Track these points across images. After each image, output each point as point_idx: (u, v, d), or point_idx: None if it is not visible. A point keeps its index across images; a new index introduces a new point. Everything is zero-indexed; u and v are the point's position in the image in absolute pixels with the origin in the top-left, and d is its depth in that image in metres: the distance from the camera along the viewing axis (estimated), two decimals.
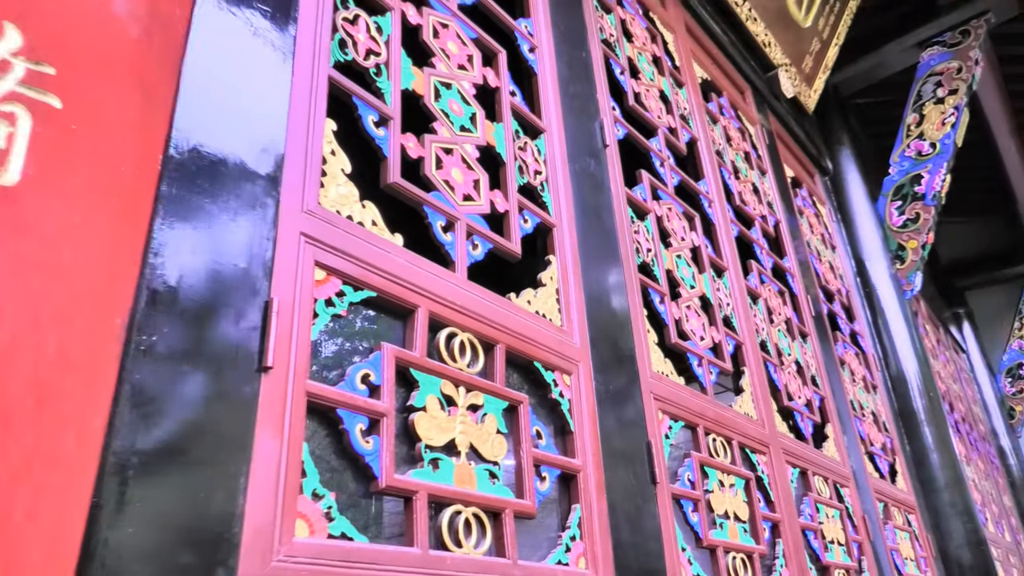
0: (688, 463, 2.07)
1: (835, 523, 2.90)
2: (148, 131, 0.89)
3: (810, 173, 4.93)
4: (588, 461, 1.64)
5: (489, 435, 1.42)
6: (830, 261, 4.51)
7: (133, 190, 0.84)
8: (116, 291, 0.81)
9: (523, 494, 1.45)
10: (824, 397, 3.37)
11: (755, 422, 2.55)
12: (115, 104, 0.84)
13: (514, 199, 1.78)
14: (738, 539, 2.15)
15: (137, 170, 0.85)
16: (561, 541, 1.50)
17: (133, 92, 0.86)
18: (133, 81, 0.87)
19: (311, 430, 1.13)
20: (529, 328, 1.63)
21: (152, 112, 0.90)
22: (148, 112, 0.89)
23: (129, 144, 0.84)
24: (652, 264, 2.34)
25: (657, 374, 2.08)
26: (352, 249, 1.28)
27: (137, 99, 0.87)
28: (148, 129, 0.89)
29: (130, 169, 0.83)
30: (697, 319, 2.47)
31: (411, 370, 1.31)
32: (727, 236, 2.99)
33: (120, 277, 0.82)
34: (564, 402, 1.67)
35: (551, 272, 1.82)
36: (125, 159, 0.83)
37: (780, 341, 3.16)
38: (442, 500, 1.26)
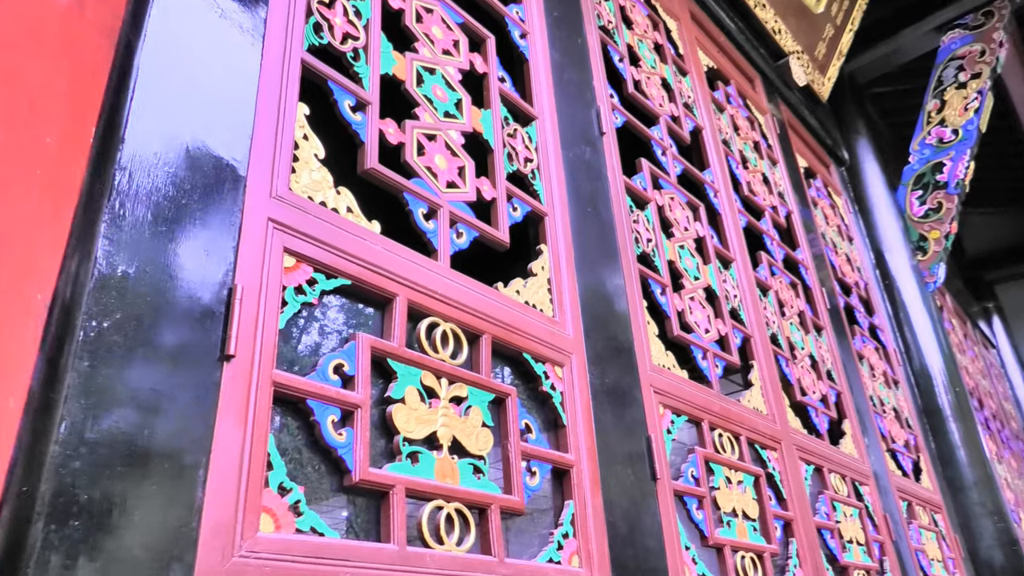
0: (692, 459, 2.03)
1: (854, 522, 2.83)
2: (79, 102, 0.87)
3: (825, 163, 4.86)
4: (582, 456, 1.60)
5: (474, 428, 1.38)
6: (847, 253, 4.42)
7: (59, 162, 0.82)
8: (37, 266, 0.79)
9: (511, 490, 1.41)
10: (841, 392, 3.29)
11: (765, 417, 2.50)
12: (38, 73, 0.82)
13: (502, 186, 1.75)
14: (747, 538, 2.09)
15: (65, 142, 0.83)
16: (553, 538, 1.46)
17: (61, 61, 0.85)
18: (61, 50, 0.85)
19: (280, 422, 1.11)
20: (518, 319, 1.60)
21: (84, 83, 0.88)
22: (79, 83, 0.88)
23: (56, 115, 0.83)
24: (652, 255, 2.30)
25: (658, 367, 2.04)
26: (325, 236, 1.25)
27: (66, 68, 0.85)
28: (79, 100, 0.87)
29: (56, 140, 0.81)
30: (702, 311, 2.42)
31: (389, 360, 1.28)
32: (734, 227, 2.93)
33: (42, 252, 0.80)
34: (556, 395, 1.63)
35: (542, 262, 1.78)
36: (50, 130, 0.81)
37: (793, 335, 3.10)
38: (422, 495, 1.23)
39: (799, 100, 4.65)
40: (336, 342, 1.26)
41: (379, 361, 1.28)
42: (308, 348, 1.22)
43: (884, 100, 6.41)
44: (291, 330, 1.20)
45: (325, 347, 1.23)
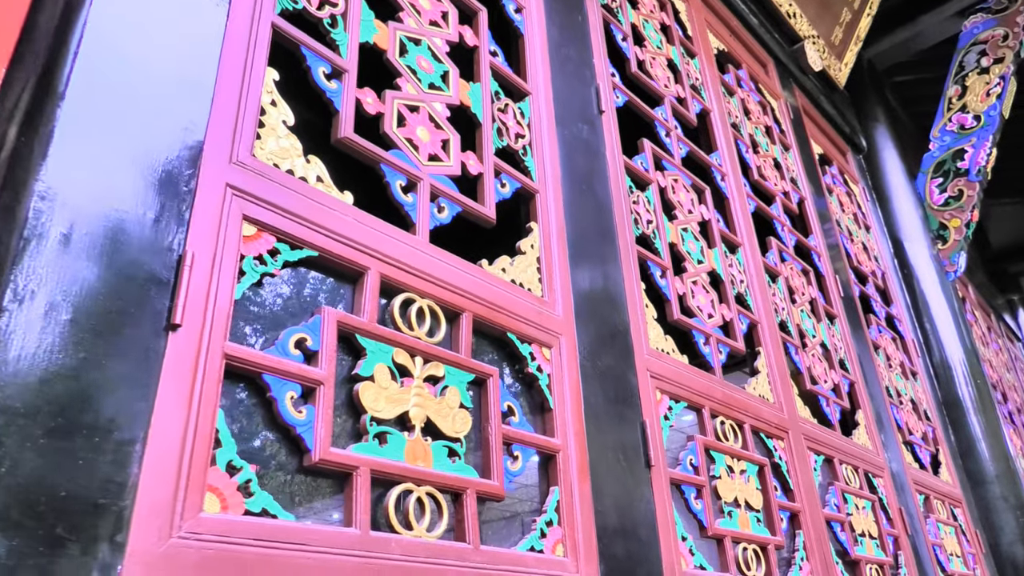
0: (691, 446, 1.93)
1: (866, 515, 2.71)
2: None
3: (841, 151, 4.70)
4: (569, 441, 1.52)
5: (450, 409, 1.31)
6: (863, 242, 4.28)
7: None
8: None
9: (490, 474, 1.33)
10: (854, 382, 3.17)
11: (771, 405, 2.39)
12: None
13: (490, 162, 1.67)
14: (750, 529, 1.99)
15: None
16: (535, 526, 1.38)
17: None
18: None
19: (233, 397, 1.04)
20: (503, 297, 1.52)
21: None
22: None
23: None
24: (653, 237, 2.20)
25: (656, 351, 1.95)
26: (290, 205, 1.18)
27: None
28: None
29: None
30: (705, 295, 2.32)
31: (358, 337, 1.21)
32: (742, 211, 2.82)
33: None
34: (543, 377, 1.55)
35: (532, 240, 1.70)
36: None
37: (803, 322, 2.98)
38: (390, 478, 1.16)
39: (815, 86, 4.50)
40: (300, 316, 1.19)
41: (347, 337, 1.21)
42: (269, 322, 1.15)
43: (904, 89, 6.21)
44: (250, 302, 1.13)
45: (289, 321, 1.17)
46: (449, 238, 1.56)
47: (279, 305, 1.17)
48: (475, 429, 1.39)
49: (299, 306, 1.21)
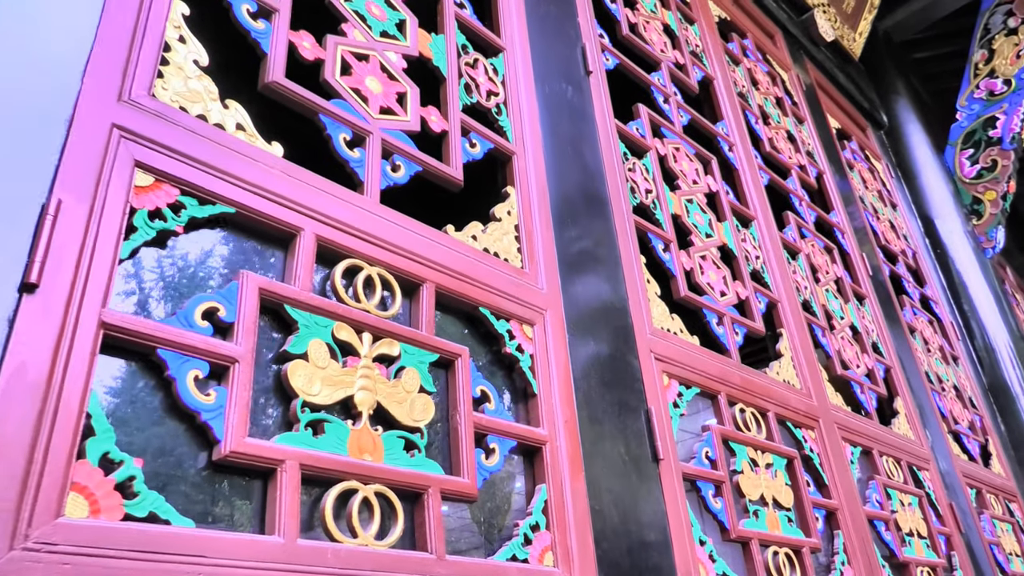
0: (707, 437, 1.72)
1: (913, 512, 2.47)
2: None
3: (860, 126, 4.48)
4: (558, 431, 1.32)
5: (407, 394, 1.12)
6: (890, 220, 4.04)
7: None
8: None
9: (459, 470, 1.14)
10: (890, 367, 2.93)
11: (798, 391, 2.17)
12: None
13: (456, 118, 1.49)
14: (779, 530, 1.77)
15: None
16: (518, 531, 1.19)
17: None
18: None
19: (119, 376, 0.86)
20: (473, 267, 1.34)
21: None
22: None
23: None
24: (653, 207, 2.01)
25: (661, 331, 1.75)
26: (201, 154, 1.01)
27: None
28: None
29: None
30: (716, 271, 2.12)
31: (288, 308, 1.03)
32: (754, 183, 2.62)
33: None
34: (524, 358, 1.36)
35: (509, 205, 1.52)
36: None
37: (829, 303, 2.76)
38: (327, 475, 0.97)
39: (828, 58, 4.29)
40: (218, 283, 1.02)
41: (274, 309, 1.03)
42: (179, 290, 0.98)
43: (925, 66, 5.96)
44: (148, 265, 0.95)
45: (199, 288, 0.99)
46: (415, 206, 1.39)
47: (190, 271, 0.99)
48: (443, 418, 1.20)
49: (218, 273, 1.03)
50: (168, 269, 0.97)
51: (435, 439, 1.18)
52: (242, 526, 0.90)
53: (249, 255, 1.08)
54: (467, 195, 1.56)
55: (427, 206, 1.48)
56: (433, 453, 1.16)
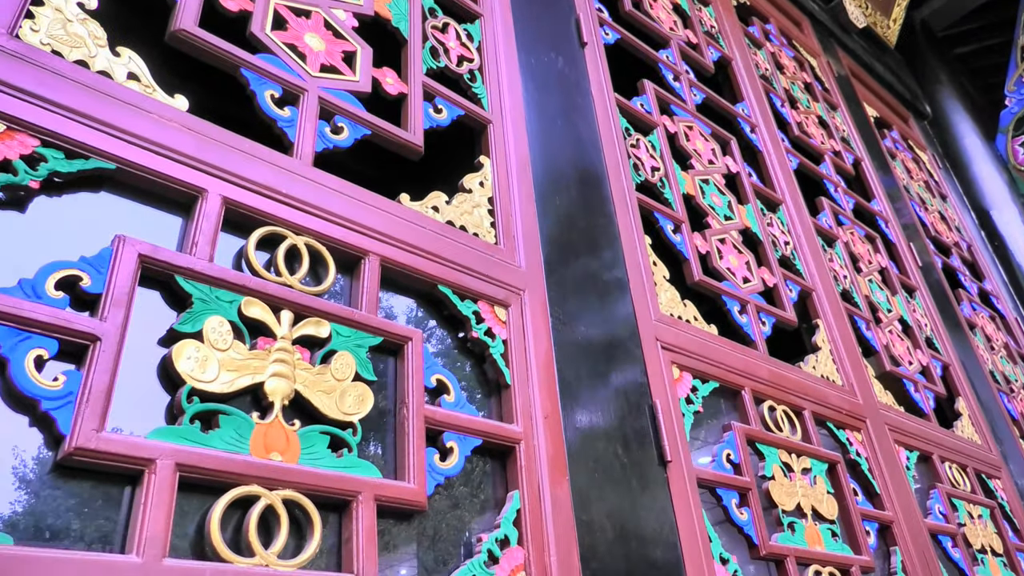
0: (728, 438, 1.46)
1: (984, 525, 2.12)
2: None
3: (901, 116, 4.13)
4: (536, 428, 1.09)
5: (337, 383, 0.91)
6: (940, 211, 3.68)
7: None
8: None
9: (403, 472, 0.92)
10: (948, 364, 2.59)
11: (840, 388, 1.88)
12: None
13: (417, 81, 1.30)
14: (821, 545, 1.49)
15: None
16: (481, 547, 0.96)
17: None
18: None
19: None
20: (433, 241, 1.13)
21: None
22: None
23: None
24: (661, 186, 1.77)
25: (670, 318, 1.50)
26: (72, 101, 0.83)
27: None
28: None
29: None
30: (737, 256, 1.86)
31: (179, 280, 0.84)
32: (780, 165, 2.35)
33: None
34: (495, 344, 1.14)
35: (481, 176, 1.31)
36: None
37: (874, 294, 2.45)
38: (217, 479, 0.76)
39: (862, 47, 3.99)
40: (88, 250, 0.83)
41: (165, 282, 0.84)
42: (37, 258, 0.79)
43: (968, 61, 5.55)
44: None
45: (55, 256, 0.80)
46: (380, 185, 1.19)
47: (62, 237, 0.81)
48: (389, 413, 0.99)
49: (100, 242, 0.85)
50: (30, 233, 0.80)
51: (378, 437, 0.97)
52: (95, 544, 0.70)
53: (150, 224, 0.90)
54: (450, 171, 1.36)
55: (414, 182, 1.29)
56: (372, 453, 0.95)
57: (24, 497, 0.68)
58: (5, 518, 0.64)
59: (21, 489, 0.68)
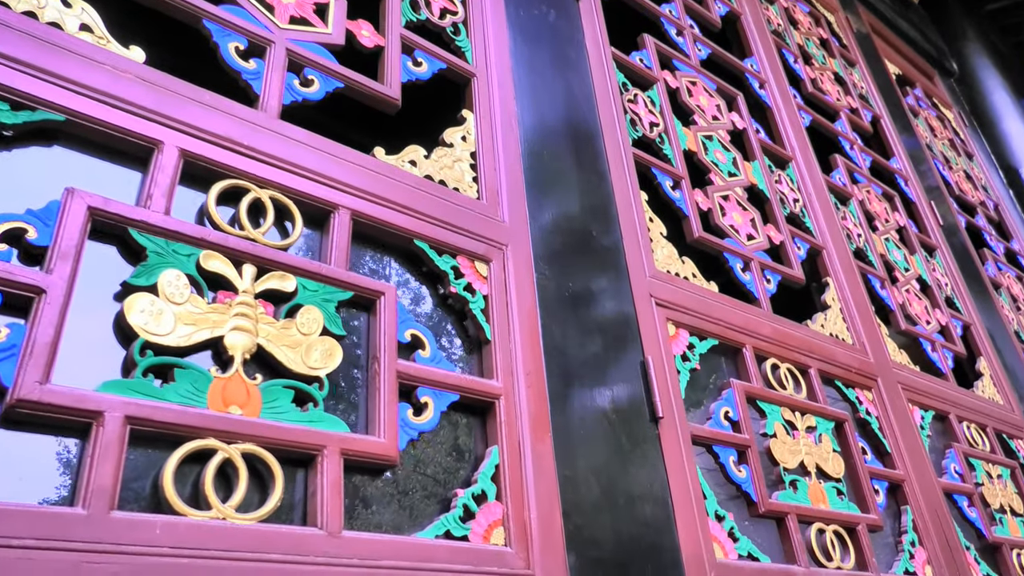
0: (727, 395, 1.40)
1: (1003, 485, 2.03)
2: None
3: (926, 73, 3.94)
4: (517, 384, 1.05)
5: (303, 338, 0.88)
6: (965, 170, 3.51)
7: None
8: None
9: (374, 427, 0.89)
10: (970, 324, 2.47)
11: (849, 347, 1.80)
12: None
13: (395, 34, 1.24)
14: (826, 503, 1.43)
15: None
16: (457, 502, 0.92)
17: None
18: None
19: None
20: (410, 195, 1.08)
21: None
22: None
23: None
24: (660, 142, 1.70)
25: (666, 274, 1.44)
26: (18, 52, 0.80)
27: None
28: None
29: None
30: (741, 213, 1.78)
31: (133, 232, 0.81)
32: (790, 122, 2.24)
33: None
34: (476, 300, 1.09)
35: (464, 131, 1.25)
36: None
37: (890, 252, 2.35)
38: (172, 432, 0.73)
39: (884, 2, 3.80)
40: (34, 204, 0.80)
41: (120, 235, 0.81)
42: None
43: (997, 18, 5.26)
44: None
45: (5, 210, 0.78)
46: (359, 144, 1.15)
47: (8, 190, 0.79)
48: (361, 367, 0.95)
49: (48, 196, 0.82)
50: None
51: (351, 393, 0.93)
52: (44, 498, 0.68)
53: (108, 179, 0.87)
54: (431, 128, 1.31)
55: (393, 139, 1.24)
56: (342, 408, 0.91)
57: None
58: None
59: None
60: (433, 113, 1.34)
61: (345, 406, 0.92)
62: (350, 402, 0.93)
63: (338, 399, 0.92)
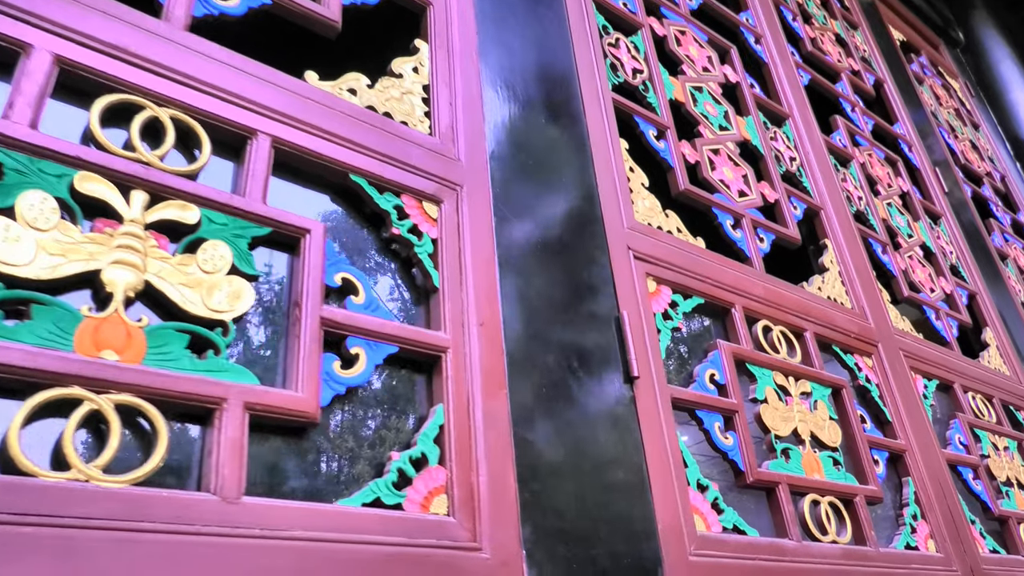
0: (713, 356, 1.25)
1: (1010, 458, 1.88)
2: None
3: (932, 43, 3.74)
4: (468, 336, 0.90)
5: (205, 276, 0.74)
6: (971, 140, 3.33)
7: None
8: None
9: (291, 380, 0.75)
10: (975, 293, 2.31)
11: (848, 311, 1.65)
12: None
13: None
14: (821, 473, 1.28)
15: None
16: (391, 466, 0.78)
17: None
18: None
19: None
20: (349, 126, 0.93)
21: None
22: None
23: None
24: (644, 90, 1.54)
25: (647, 227, 1.29)
26: None
27: None
28: None
29: None
30: (733, 168, 1.62)
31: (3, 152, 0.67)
32: (788, 79, 2.07)
33: None
34: (423, 244, 0.95)
35: (416, 61, 1.10)
36: None
37: (893, 218, 2.18)
38: (18, 379, 0.60)
39: None
40: None
41: None
42: None
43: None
44: None
45: None
46: None
47: None
48: (279, 313, 0.81)
49: None
50: None
51: (268, 345, 0.80)
52: None
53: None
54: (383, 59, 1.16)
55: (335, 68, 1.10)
56: (257, 361, 0.77)
57: None
58: None
59: None
60: (388, 46, 1.19)
61: (261, 359, 0.78)
62: (266, 354, 0.79)
63: (252, 350, 0.78)
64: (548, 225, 1.10)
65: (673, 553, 0.95)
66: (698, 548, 0.99)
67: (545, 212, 1.11)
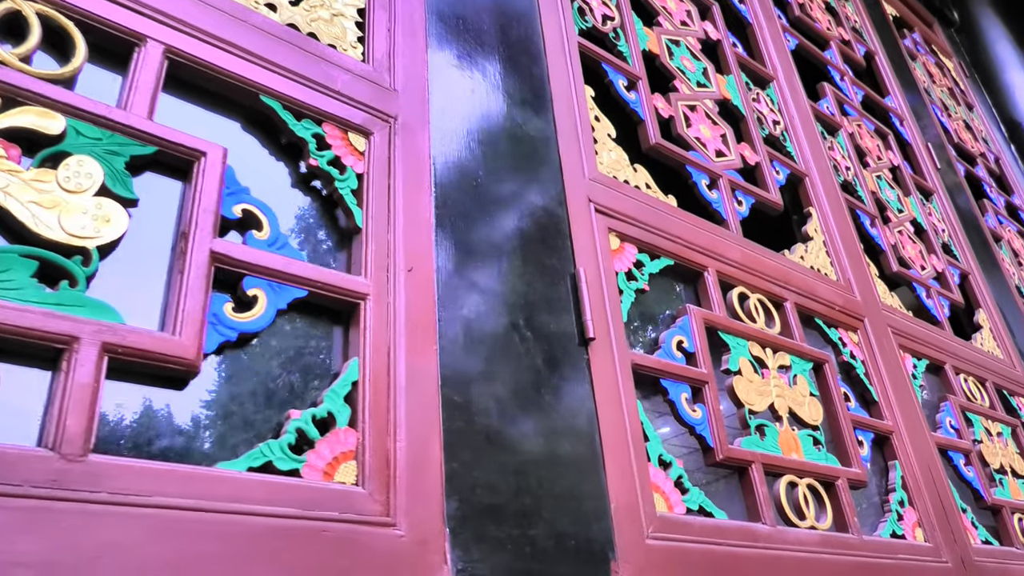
0: (682, 322, 1.16)
1: (1004, 444, 1.80)
2: None
3: (926, 21, 3.67)
4: (394, 282, 0.80)
5: (66, 195, 0.63)
6: (965, 120, 3.26)
7: None
8: None
9: (169, 321, 0.65)
10: (967, 273, 2.24)
11: (832, 282, 1.56)
12: None
13: None
14: (799, 453, 1.19)
15: None
16: (288, 426, 0.68)
17: None
18: None
19: None
20: (262, 42, 0.83)
21: None
22: None
23: None
24: (615, 37, 1.44)
25: (611, 179, 1.19)
26: None
27: None
28: None
29: None
30: (711, 127, 1.53)
31: None
32: (773, 42, 1.98)
33: None
34: (345, 178, 0.84)
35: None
36: None
37: (883, 191, 2.10)
38: None
39: None
40: None
41: None
42: None
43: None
44: None
45: None
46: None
47: None
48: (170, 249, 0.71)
49: None
50: None
51: (148, 282, 0.69)
52: None
53: None
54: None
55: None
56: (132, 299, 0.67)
57: None
58: None
59: None
60: None
61: (137, 296, 0.68)
62: (145, 292, 0.68)
63: (127, 286, 0.68)
64: (496, 167, 1.00)
65: (627, 535, 0.86)
66: (657, 530, 0.90)
67: (491, 152, 1.01)
